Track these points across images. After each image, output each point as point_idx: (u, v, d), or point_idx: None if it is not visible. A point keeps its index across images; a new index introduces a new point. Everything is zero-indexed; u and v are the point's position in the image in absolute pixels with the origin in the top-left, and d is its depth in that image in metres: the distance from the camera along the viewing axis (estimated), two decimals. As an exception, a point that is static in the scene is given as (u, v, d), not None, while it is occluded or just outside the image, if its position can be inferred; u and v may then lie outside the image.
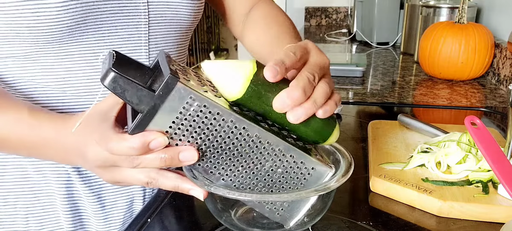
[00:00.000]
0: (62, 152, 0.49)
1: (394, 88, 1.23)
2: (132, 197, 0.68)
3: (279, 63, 0.42)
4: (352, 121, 0.96)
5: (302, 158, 0.45)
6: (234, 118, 0.41)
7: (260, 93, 0.43)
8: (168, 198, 0.63)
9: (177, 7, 0.65)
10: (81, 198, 0.65)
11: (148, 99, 0.39)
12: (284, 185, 0.46)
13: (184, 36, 0.71)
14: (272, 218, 0.48)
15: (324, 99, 0.45)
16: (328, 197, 0.50)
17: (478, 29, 1.25)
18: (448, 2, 1.49)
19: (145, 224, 0.57)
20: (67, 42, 0.56)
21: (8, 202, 0.63)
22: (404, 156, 0.70)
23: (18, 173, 0.62)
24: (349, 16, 2.30)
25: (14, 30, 0.53)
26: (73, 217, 0.65)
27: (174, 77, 0.39)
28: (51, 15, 0.52)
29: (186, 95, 0.39)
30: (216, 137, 0.42)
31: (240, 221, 0.51)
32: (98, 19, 0.57)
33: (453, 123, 0.95)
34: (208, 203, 0.51)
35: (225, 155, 0.43)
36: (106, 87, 0.38)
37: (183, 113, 0.40)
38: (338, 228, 0.55)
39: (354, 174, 0.69)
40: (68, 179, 0.63)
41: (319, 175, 0.46)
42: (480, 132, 0.53)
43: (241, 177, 0.45)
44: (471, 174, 0.63)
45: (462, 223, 0.57)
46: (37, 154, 0.53)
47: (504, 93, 1.18)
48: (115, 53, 0.42)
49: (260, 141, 0.43)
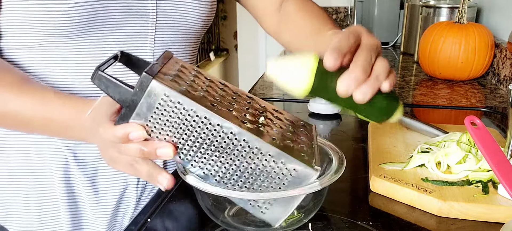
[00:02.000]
0: (81, 131, 0.54)
1: (394, 88, 1.23)
2: (125, 185, 0.71)
3: (336, 50, 0.45)
4: (352, 121, 0.96)
5: (282, 158, 0.44)
6: (208, 115, 0.43)
7: (326, 84, 0.45)
8: (168, 198, 0.63)
9: (186, 10, 0.67)
10: (76, 182, 0.68)
11: (127, 96, 0.44)
12: (265, 183, 0.46)
13: (193, 39, 0.73)
14: (257, 216, 0.48)
15: (385, 74, 0.47)
16: (321, 195, 0.50)
17: (478, 29, 1.25)
18: (448, 2, 1.49)
19: (145, 224, 0.57)
20: (77, 37, 0.59)
21: (12, 181, 0.68)
22: (404, 156, 0.70)
23: (21, 155, 0.67)
24: (349, 16, 2.30)
25: (28, 23, 0.57)
26: (69, 199, 0.68)
27: (148, 75, 0.42)
28: (61, 11, 0.56)
29: (160, 93, 0.43)
30: (192, 132, 0.44)
31: (235, 220, 0.51)
32: (107, 16, 0.60)
33: (453, 123, 0.95)
34: (202, 204, 0.51)
35: (203, 150, 0.45)
36: (94, 83, 0.44)
37: (160, 109, 0.44)
38: (338, 228, 0.55)
39: (354, 174, 0.70)
40: (66, 163, 0.67)
41: (303, 176, 0.45)
42: (480, 132, 0.53)
43: (221, 172, 0.46)
44: (471, 174, 0.63)
45: (462, 223, 0.57)
46: (58, 132, 0.58)
47: (504, 93, 1.18)
48: (122, 54, 0.49)
49: (236, 138, 0.44)
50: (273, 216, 0.47)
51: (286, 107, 1.08)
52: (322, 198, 0.51)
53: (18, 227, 0.70)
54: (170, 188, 0.48)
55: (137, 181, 0.71)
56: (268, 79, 0.47)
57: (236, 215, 0.52)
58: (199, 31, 0.72)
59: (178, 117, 0.44)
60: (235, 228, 0.51)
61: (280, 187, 0.45)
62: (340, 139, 0.86)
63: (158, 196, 0.63)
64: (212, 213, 0.52)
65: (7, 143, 0.67)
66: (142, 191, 0.73)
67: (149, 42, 0.65)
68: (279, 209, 0.47)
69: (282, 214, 0.47)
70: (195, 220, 0.59)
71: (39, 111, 0.55)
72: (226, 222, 0.52)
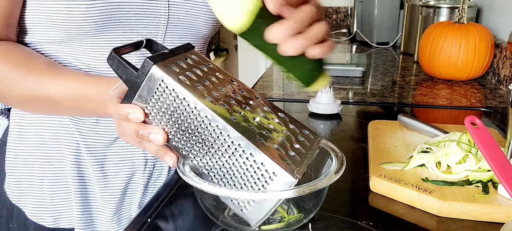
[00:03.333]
0: (103, 105, 0.57)
1: (394, 88, 1.23)
2: (133, 171, 0.74)
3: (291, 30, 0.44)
4: (352, 121, 0.96)
5: (262, 159, 0.44)
6: (198, 106, 0.44)
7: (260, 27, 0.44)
8: (168, 198, 0.63)
9: (196, 14, 0.70)
10: (86, 167, 0.71)
11: (131, 77, 0.46)
12: (246, 182, 0.46)
13: (201, 41, 0.76)
14: (238, 214, 0.48)
15: (319, 38, 0.46)
16: (321, 196, 0.50)
17: (478, 29, 1.25)
18: (448, 2, 1.49)
19: (145, 224, 0.57)
20: (95, 35, 0.63)
21: (27, 164, 0.71)
22: (404, 156, 0.70)
23: (37, 139, 0.70)
24: (349, 16, 2.30)
25: (51, 21, 0.61)
26: (79, 183, 0.71)
27: (150, 61, 0.45)
28: (81, 11, 0.60)
29: (159, 78, 0.45)
30: (183, 121, 0.46)
31: (235, 220, 0.51)
32: (122, 17, 0.63)
33: (453, 123, 0.95)
34: (202, 205, 0.51)
35: (192, 140, 0.47)
36: (108, 64, 0.47)
37: (157, 94, 0.46)
38: (338, 228, 0.55)
39: (354, 174, 0.70)
40: (77, 148, 0.70)
41: (284, 181, 0.44)
42: (480, 132, 0.53)
43: (207, 163, 0.47)
44: (471, 174, 0.63)
45: (462, 223, 0.57)
46: (93, 110, 0.62)
47: (504, 93, 1.18)
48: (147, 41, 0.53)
49: (221, 132, 0.45)
50: (251, 216, 0.47)
51: (286, 107, 1.08)
52: (322, 199, 0.51)
53: (31, 208, 0.73)
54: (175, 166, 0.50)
55: (144, 167, 0.74)
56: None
57: (235, 216, 0.52)
58: (207, 34, 0.75)
59: (172, 103, 0.46)
60: (235, 229, 0.51)
61: (263, 186, 0.45)
62: (340, 139, 0.86)
63: (158, 196, 0.63)
64: (212, 213, 0.52)
65: (24, 128, 0.70)
66: (149, 178, 0.75)
67: (159, 42, 0.68)
68: (256, 210, 0.47)
69: (260, 215, 0.47)
70: (195, 220, 0.59)
71: (73, 90, 0.60)
72: (226, 222, 0.52)
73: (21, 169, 0.72)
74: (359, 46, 1.87)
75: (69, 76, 0.61)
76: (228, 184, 0.47)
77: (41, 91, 0.60)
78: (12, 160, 0.72)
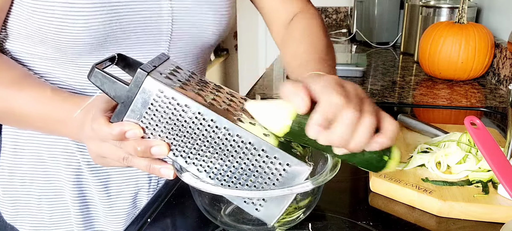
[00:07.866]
0: (74, 128, 0.54)
1: (394, 88, 1.23)
2: (137, 189, 0.71)
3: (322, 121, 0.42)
4: (352, 121, 0.96)
5: (276, 153, 0.44)
6: (202, 110, 0.43)
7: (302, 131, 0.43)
8: (168, 198, 0.63)
9: (203, 24, 0.66)
10: (89, 187, 0.69)
11: (122, 92, 0.44)
12: (259, 180, 0.46)
13: (207, 51, 0.73)
14: (252, 214, 0.48)
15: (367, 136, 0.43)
16: (317, 191, 0.50)
17: (478, 29, 1.24)
18: (448, 2, 1.49)
19: (145, 224, 0.57)
20: (89, 56, 0.60)
21: (25, 182, 0.69)
22: (404, 156, 0.70)
23: (35, 157, 0.67)
24: (349, 16, 2.30)
25: (40, 38, 0.58)
26: (80, 203, 0.69)
27: (143, 71, 0.42)
28: (72, 34, 0.57)
29: (154, 88, 0.43)
30: (186, 128, 0.45)
31: (231, 219, 0.51)
32: (120, 36, 0.60)
33: (453, 123, 0.95)
34: (199, 205, 0.51)
35: (197, 146, 0.45)
36: (90, 81, 0.44)
37: (154, 105, 0.44)
38: (338, 228, 0.55)
39: (354, 174, 0.70)
40: (78, 168, 0.67)
41: (296, 172, 0.45)
42: (480, 132, 0.53)
43: (216, 168, 0.46)
44: (471, 174, 0.63)
45: (462, 223, 0.57)
46: (53, 129, 0.58)
47: (504, 93, 1.18)
48: (119, 56, 0.49)
49: (229, 133, 0.44)
50: (267, 213, 0.47)
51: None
52: (319, 193, 0.51)
53: (29, 227, 0.71)
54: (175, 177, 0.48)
55: (148, 185, 0.72)
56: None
57: (232, 215, 0.52)
58: (214, 44, 0.71)
59: (172, 112, 0.44)
60: (233, 228, 0.51)
61: (274, 183, 0.45)
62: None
63: (158, 196, 0.63)
64: (210, 213, 0.52)
65: (20, 145, 0.68)
66: None
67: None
68: (273, 207, 0.47)
69: (276, 212, 0.47)
70: (195, 220, 0.59)
71: (37, 108, 0.56)
72: (224, 222, 0.52)
73: (18, 187, 0.69)
74: (359, 46, 1.87)
75: (34, 91, 0.57)
76: (238, 185, 0.46)
77: (10, 106, 0.57)
78: (7, 179, 0.69)
